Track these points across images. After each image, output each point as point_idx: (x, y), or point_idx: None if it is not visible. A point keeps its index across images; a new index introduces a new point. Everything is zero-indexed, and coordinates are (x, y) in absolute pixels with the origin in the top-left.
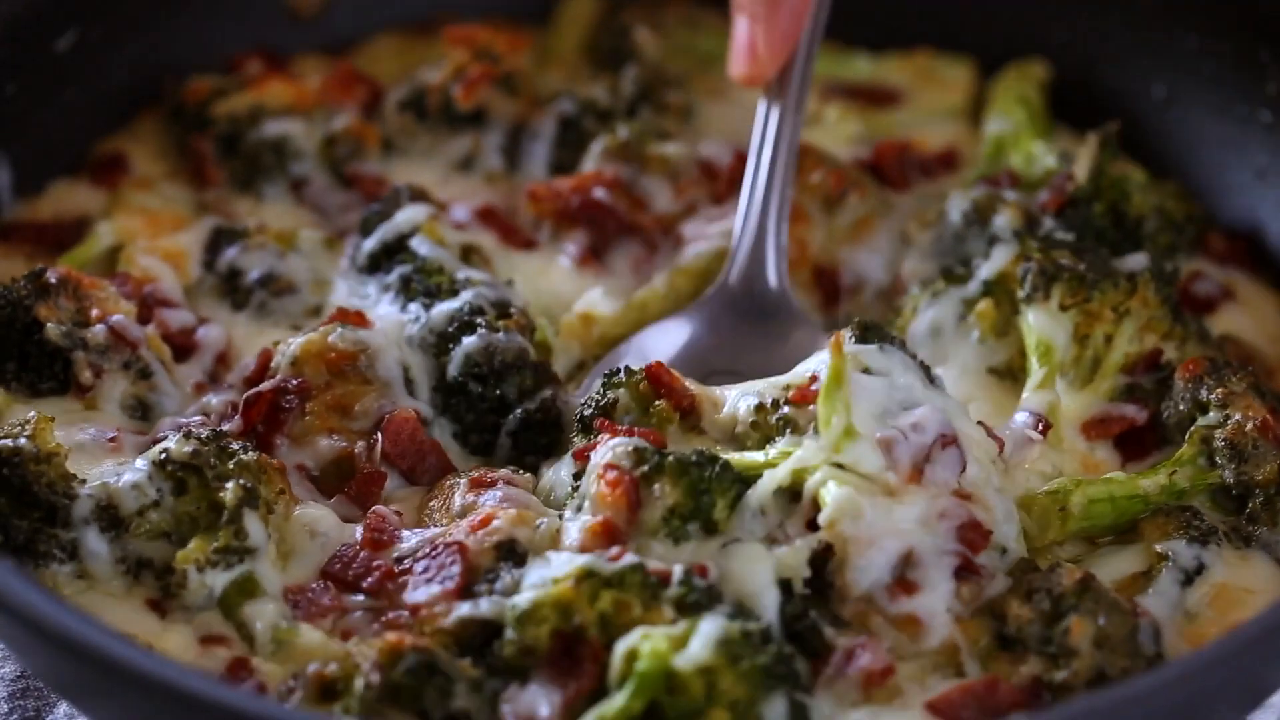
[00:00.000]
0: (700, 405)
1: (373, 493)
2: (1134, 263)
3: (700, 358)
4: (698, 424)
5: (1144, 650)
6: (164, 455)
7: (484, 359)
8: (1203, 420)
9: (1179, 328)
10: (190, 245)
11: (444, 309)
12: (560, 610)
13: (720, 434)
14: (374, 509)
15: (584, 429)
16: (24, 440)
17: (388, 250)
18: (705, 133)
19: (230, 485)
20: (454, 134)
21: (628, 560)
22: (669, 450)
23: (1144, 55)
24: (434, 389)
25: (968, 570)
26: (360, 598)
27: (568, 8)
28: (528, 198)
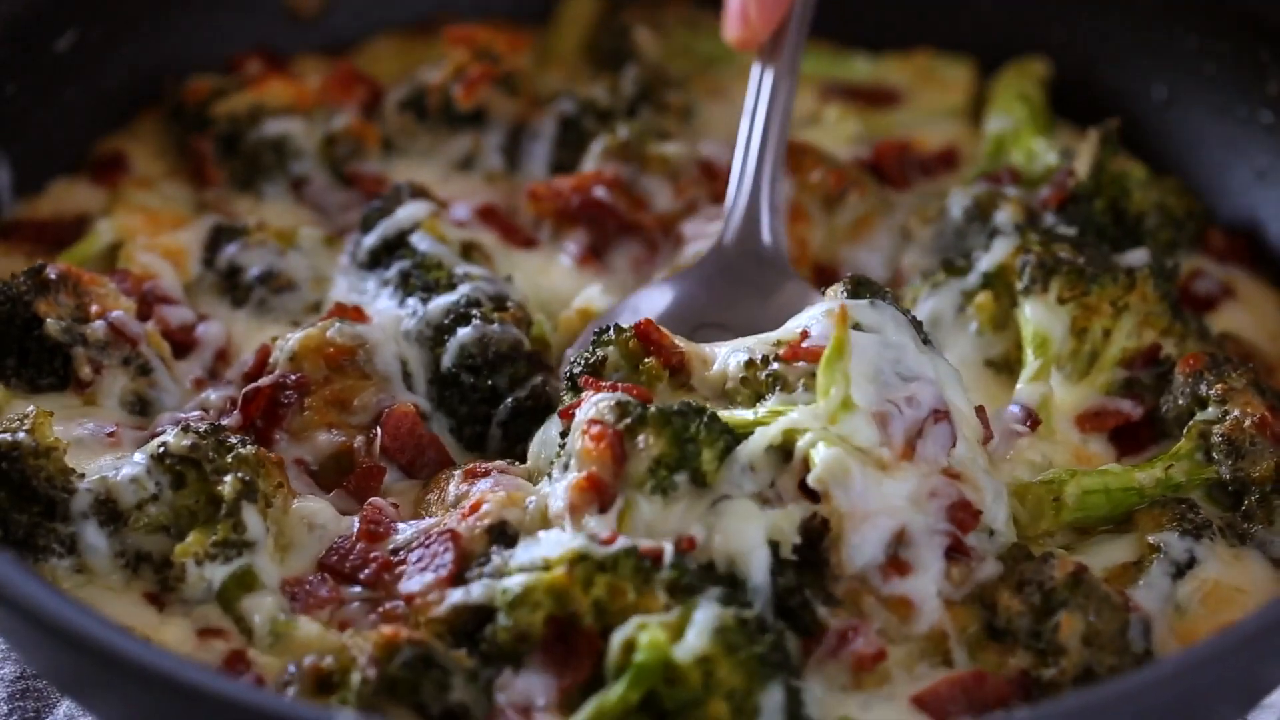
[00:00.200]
0: (689, 362)
1: (372, 487)
2: (1134, 258)
3: (690, 313)
4: (687, 381)
5: (1133, 647)
6: (162, 449)
7: (478, 350)
8: (1201, 415)
9: (1178, 324)
10: (190, 243)
11: (440, 302)
12: (555, 596)
13: (710, 391)
14: (370, 500)
15: (573, 387)
16: (23, 435)
17: (388, 246)
18: (705, 133)
19: (228, 479)
20: (454, 134)
21: (620, 544)
22: (653, 403)
23: (1144, 55)
24: (430, 382)
25: (958, 551)
26: (357, 589)
27: (568, 8)
28: (528, 197)
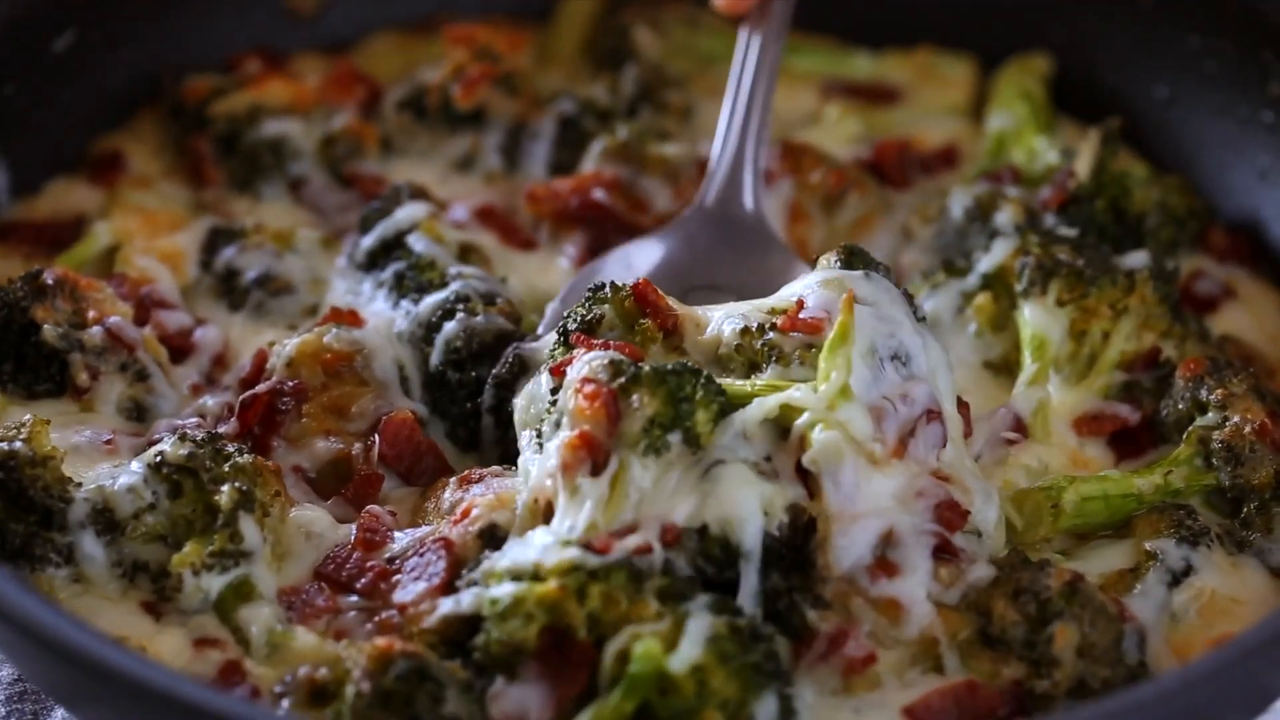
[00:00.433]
0: (683, 325)
1: (370, 494)
2: (1134, 260)
3: (679, 274)
4: (680, 344)
5: (1127, 659)
6: (159, 458)
7: (463, 342)
8: (1201, 420)
9: (1178, 326)
10: (187, 245)
11: (431, 300)
12: (548, 608)
13: (702, 356)
14: (367, 508)
15: (564, 343)
16: (19, 444)
17: (386, 247)
18: (705, 132)
19: (225, 488)
20: (453, 134)
21: (615, 555)
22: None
23: (1146, 55)
24: (424, 386)
25: (945, 551)
26: (354, 598)
27: (567, 7)
28: (527, 199)
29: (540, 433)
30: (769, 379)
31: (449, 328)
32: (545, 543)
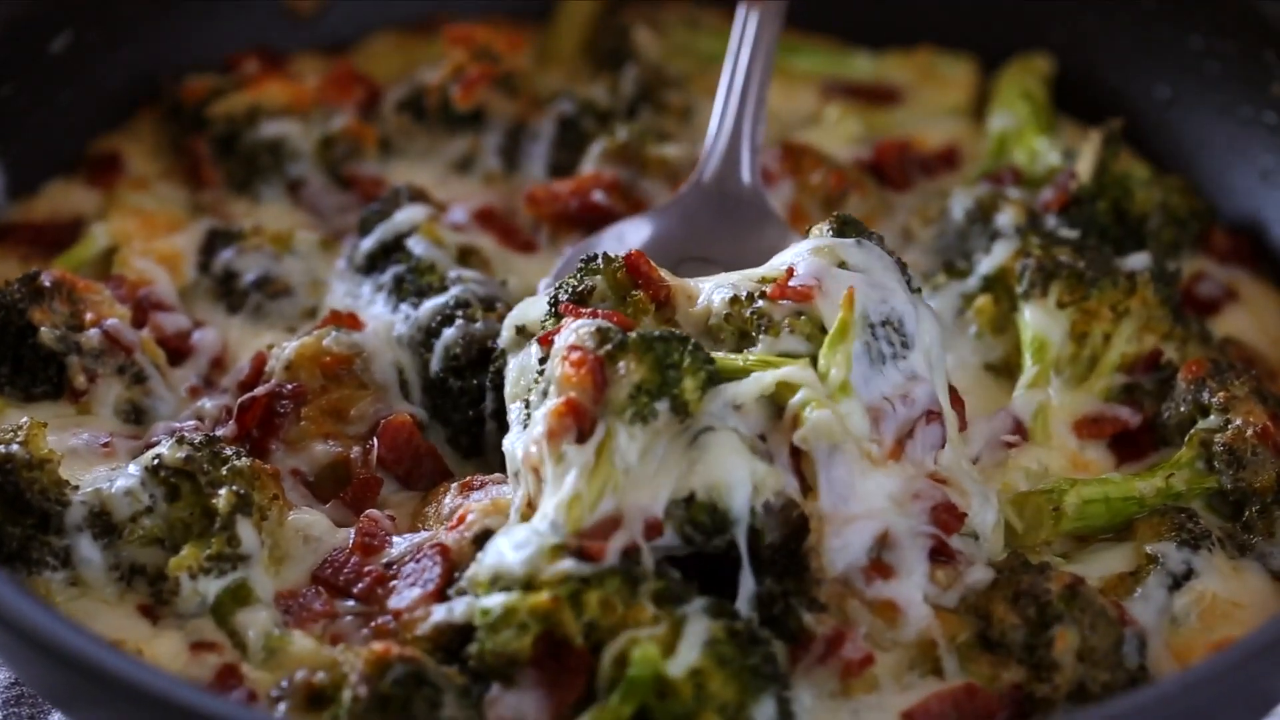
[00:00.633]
0: (675, 297)
1: (369, 498)
2: (1135, 262)
3: (673, 246)
4: (671, 316)
5: (1127, 663)
6: (157, 461)
7: (462, 349)
8: (1203, 423)
9: (1179, 328)
10: (185, 247)
11: (430, 305)
12: (541, 619)
13: (693, 328)
14: (366, 513)
15: (554, 314)
16: (16, 447)
17: (385, 250)
18: (705, 133)
19: (223, 491)
20: (452, 134)
21: (608, 561)
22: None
23: (1147, 55)
24: (424, 390)
25: (942, 553)
26: (351, 603)
27: (567, 7)
28: (526, 201)
29: (529, 403)
30: (760, 353)
31: (448, 334)
32: (523, 538)
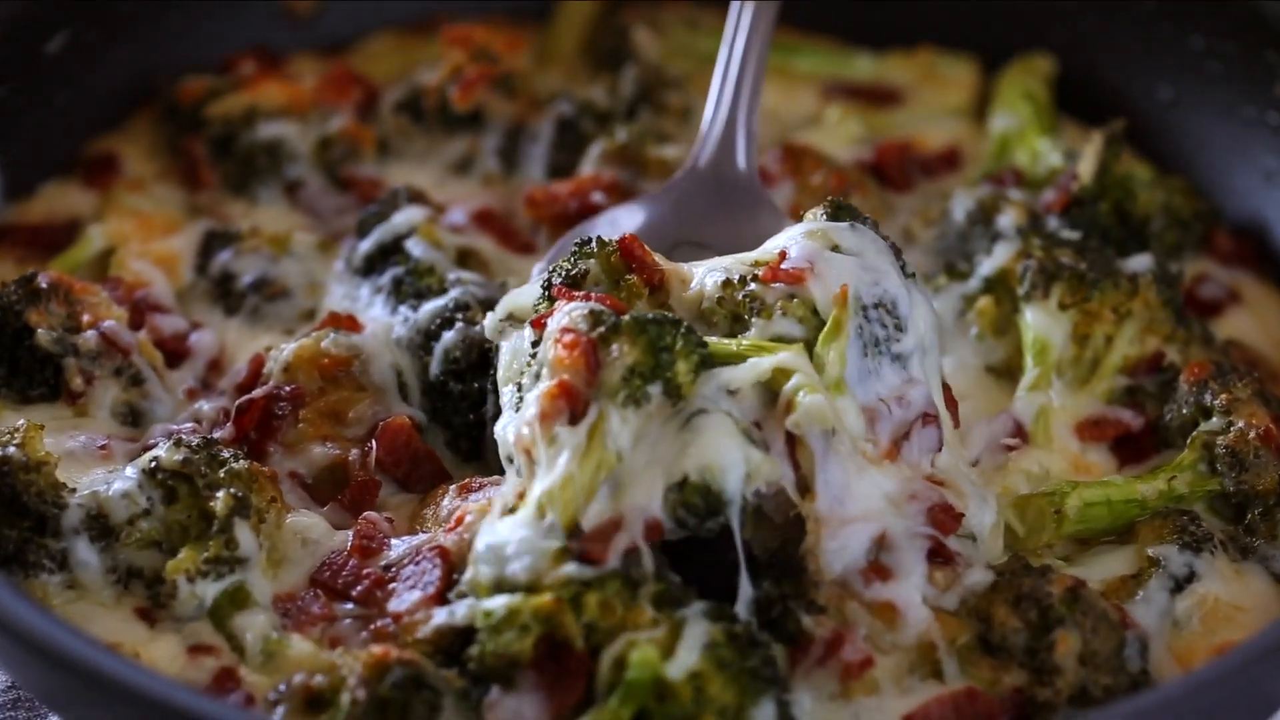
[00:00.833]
0: (669, 281)
1: (367, 501)
2: (1137, 264)
3: (667, 231)
4: (665, 301)
5: (1129, 666)
6: (154, 464)
7: (462, 352)
8: (1205, 426)
9: (1182, 330)
10: (183, 249)
11: (429, 308)
12: (543, 620)
13: (687, 312)
14: (364, 515)
15: (547, 297)
16: (13, 449)
17: (383, 252)
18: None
19: (221, 494)
20: (451, 136)
21: (609, 564)
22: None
23: (1149, 56)
24: (424, 393)
25: (940, 555)
26: (350, 606)
27: (566, 7)
28: (525, 202)
29: (521, 386)
30: (754, 338)
31: (448, 337)
32: (514, 527)
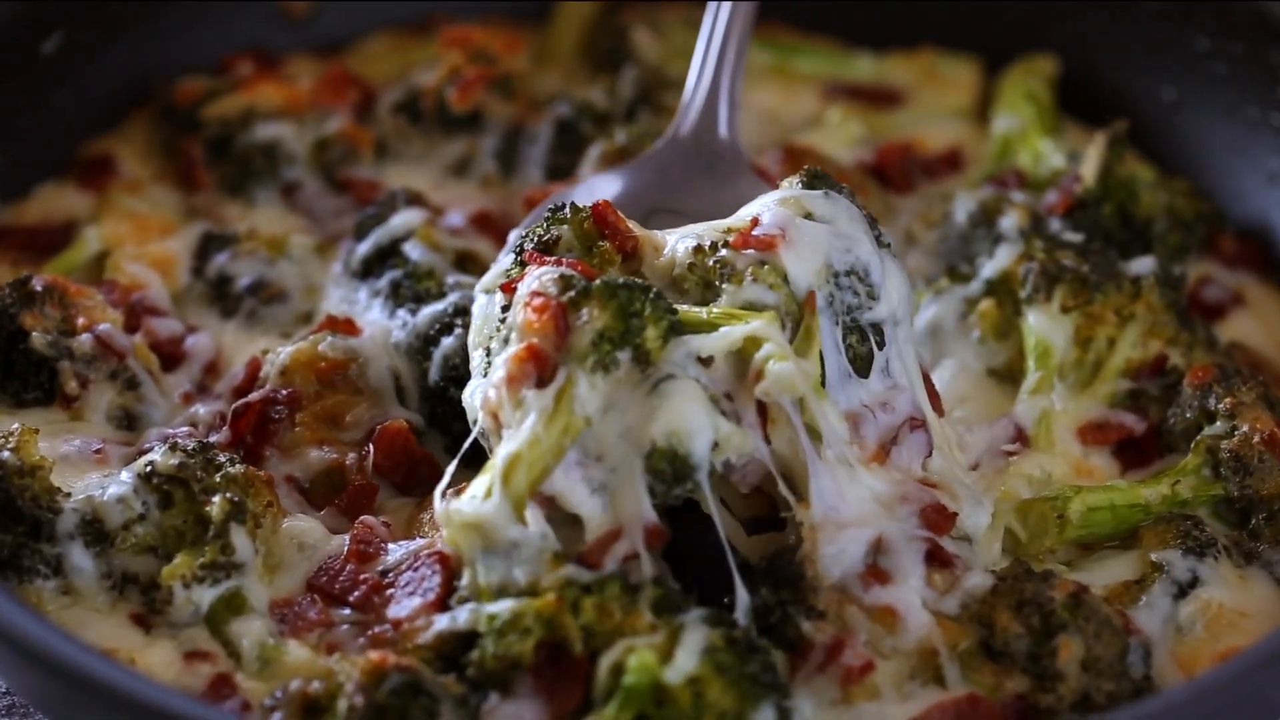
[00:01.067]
0: (642, 248)
1: (364, 505)
2: (1140, 266)
3: (644, 198)
4: (638, 268)
5: (1132, 672)
6: (149, 468)
7: (461, 359)
8: (1209, 430)
9: (1185, 333)
10: (179, 251)
11: (428, 312)
12: (544, 622)
13: (659, 279)
14: (361, 519)
15: (519, 263)
16: (7, 454)
17: (381, 255)
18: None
19: (217, 499)
20: (448, 137)
21: (608, 568)
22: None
23: (1152, 56)
24: (422, 398)
25: (938, 557)
26: (347, 611)
27: (565, 8)
28: (524, 205)
29: (489, 350)
30: (725, 305)
31: (447, 343)
32: (470, 493)
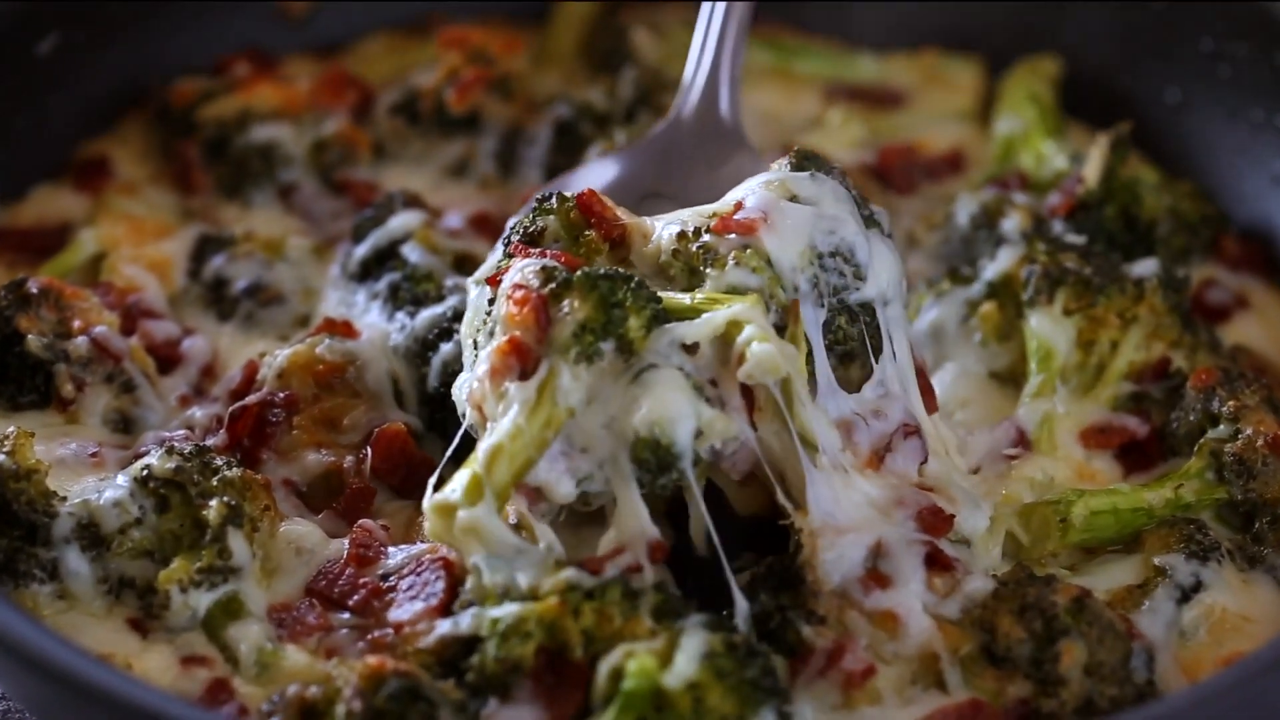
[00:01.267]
0: (630, 236)
1: (362, 508)
2: (1143, 269)
3: (638, 183)
4: (626, 256)
5: (1135, 677)
6: (146, 472)
7: (461, 364)
8: (1212, 433)
9: (1188, 336)
10: (175, 254)
11: (427, 315)
12: (545, 626)
13: (647, 267)
14: (360, 522)
15: (508, 255)
16: (3, 457)
17: (380, 257)
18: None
19: (214, 502)
20: (447, 139)
21: (608, 573)
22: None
23: (1156, 58)
24: (421, 402)
25: (938, 561)
26: (346, 616)
27: (564, 8)
28: (522, 206)
29: (477, 344)
30: (708, 291)
31: (446, 349)
32: (454, 484)
